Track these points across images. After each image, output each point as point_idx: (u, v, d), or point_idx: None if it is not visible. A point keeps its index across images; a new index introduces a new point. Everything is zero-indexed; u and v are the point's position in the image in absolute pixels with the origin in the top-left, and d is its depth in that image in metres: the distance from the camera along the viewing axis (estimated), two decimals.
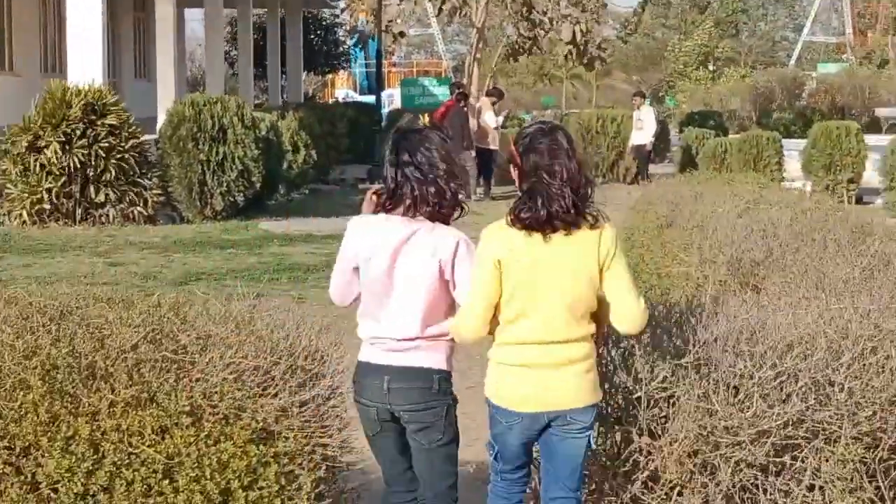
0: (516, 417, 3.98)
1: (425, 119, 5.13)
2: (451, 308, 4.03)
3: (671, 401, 3.89)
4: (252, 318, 4.15)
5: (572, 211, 3.81)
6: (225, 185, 17.15)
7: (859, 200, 21.13)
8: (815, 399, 3.73)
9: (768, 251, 5.86)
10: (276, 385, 3.72)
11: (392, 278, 3.98)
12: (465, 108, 21.02)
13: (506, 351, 3.99)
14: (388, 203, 4.06)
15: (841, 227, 6.25)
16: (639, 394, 3.92)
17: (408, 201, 4.01)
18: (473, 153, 20.83)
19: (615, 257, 3.86)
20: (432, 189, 4.01)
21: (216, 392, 3.63)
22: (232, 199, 17.36)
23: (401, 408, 3.96)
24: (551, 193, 3.81)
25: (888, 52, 64.02)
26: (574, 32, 24.71)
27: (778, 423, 3.70)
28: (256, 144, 17.54)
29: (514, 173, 4.00)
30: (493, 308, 3.94)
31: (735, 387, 3.82)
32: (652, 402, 3.92)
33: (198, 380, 3.67)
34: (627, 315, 3.83)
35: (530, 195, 3.86)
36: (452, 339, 4.04)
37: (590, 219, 3.85)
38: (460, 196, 4.11)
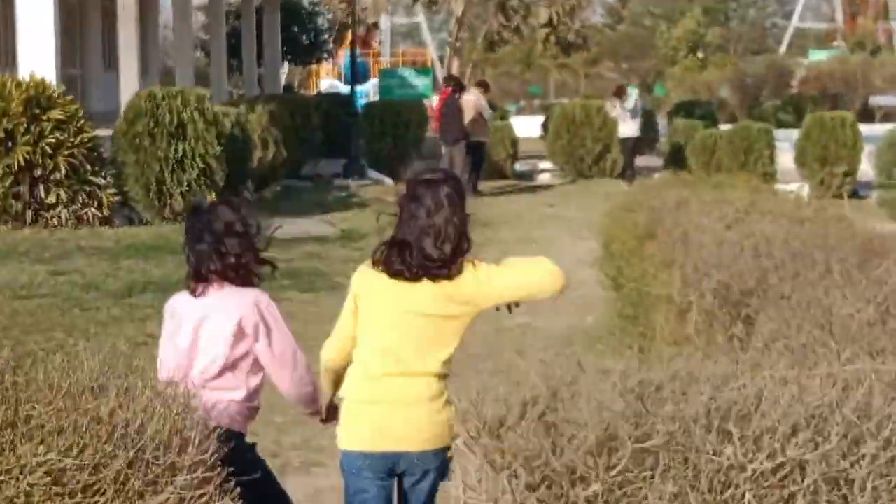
0: (365, 459, 3.89)
1: (211, 196, 4.73)
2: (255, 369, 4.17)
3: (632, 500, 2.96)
4: (103, 386, 3.21)
5: (441, 267, 3.80)
6: (185, 183, 16.15)
7: (855, 194, 20.24)
8: (827, 502, 2.80)
9: (762, 275, 4.93)
10: (107, 489, 2.79)
11: (195, 353, 4.13)
12: (459, 99, 20.43)
13: (353, 387, 3.96)
14: (195, 282, 4.20)
15: (847, 243, 5.32)
16: (593, 488, 2.99)
17: (206, 277, 4.16)
18: (464, 146, 20.21)
19: (487, 280, 3.82)
20: (226, 261, 4.14)
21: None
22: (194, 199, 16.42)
23: None
24: (420, 251, 3.78)
25: (879, 39, 63.20)
26: (550, 15, 23.81)
27: None
28: (219, 140, 16.56)
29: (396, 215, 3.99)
30: (350, 340, 4.00)
31: (721, 482, 2.89)
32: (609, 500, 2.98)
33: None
34: (545, 276, 3.85)
35: (400, 248, 3.83)
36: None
37: (454, 269, 3.81)
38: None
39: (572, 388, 3.09)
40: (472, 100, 20.93)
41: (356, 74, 26.35)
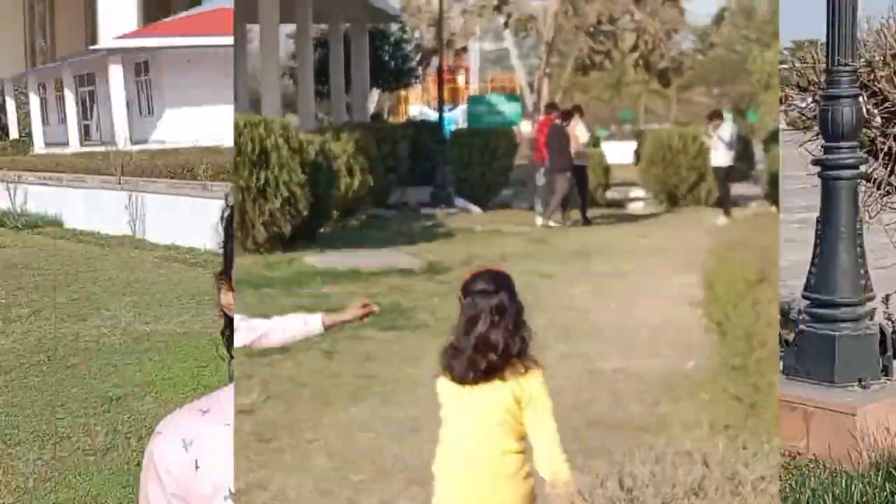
0: None
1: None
2: None
3: None
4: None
5: (506, 361, 3.59)
6: (267, 213, 15.77)
7: None
8: None
9: None
10: None
11: None
12: (567, 127, 20.08)
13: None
14: None
15: None
16: None
17: None
18: (569, 176, 19.92)
19: (539, 400, 3.63)
20: None
21: None
22: (277, 230, 15.93)
23: None
24: (479, 360, 3.60)
25: None
26: (637, 39, 23.16)
27: None
28: (303, 168, 16.16)
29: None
30: None
31: None
32: None
33: None
34: (555, 465, 3.59)
35: (466, 352, 3.63)
36: None
37: (520, 367, 3.62)
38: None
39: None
40: (576, 126, 20.63)
41: (441, 101, 25.91)
